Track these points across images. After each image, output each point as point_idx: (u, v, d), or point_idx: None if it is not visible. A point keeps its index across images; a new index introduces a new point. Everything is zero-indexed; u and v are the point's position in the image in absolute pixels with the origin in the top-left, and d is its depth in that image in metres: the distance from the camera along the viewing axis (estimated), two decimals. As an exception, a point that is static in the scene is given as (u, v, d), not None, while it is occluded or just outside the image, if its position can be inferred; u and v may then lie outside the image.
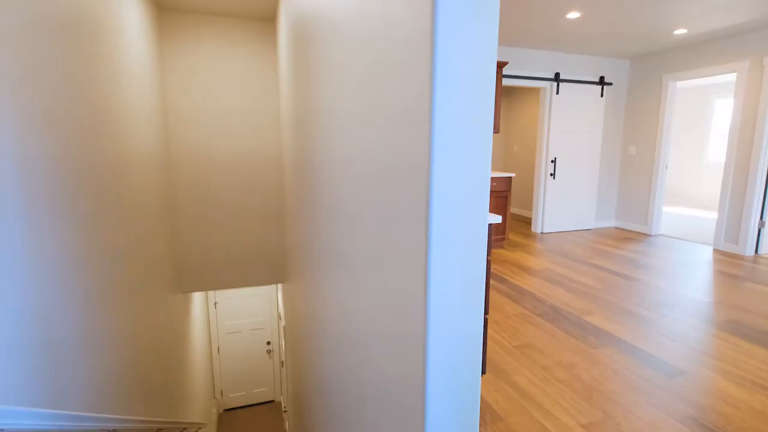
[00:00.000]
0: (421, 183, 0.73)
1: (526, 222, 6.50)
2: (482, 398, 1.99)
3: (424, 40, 0.68)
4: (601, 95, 5.62)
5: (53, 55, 1.42)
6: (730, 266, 4.07)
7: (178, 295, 3.97)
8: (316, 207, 1.82)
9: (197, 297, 4.93)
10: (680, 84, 7.87)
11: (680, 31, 4.38)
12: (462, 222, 0.73)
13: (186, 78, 3.79)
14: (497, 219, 1.84)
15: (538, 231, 5.65)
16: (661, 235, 5.49)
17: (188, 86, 3.81)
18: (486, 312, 1.96)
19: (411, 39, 0.73)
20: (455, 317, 0.75)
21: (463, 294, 0.75)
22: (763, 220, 4.44)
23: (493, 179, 4.56)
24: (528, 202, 7.10)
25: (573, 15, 3.86)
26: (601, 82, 5.57)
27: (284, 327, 4.47)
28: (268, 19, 3.98)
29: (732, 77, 6.77)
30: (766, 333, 2.62)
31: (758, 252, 4.51)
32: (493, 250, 4.70)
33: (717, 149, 7.79)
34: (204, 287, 4.21)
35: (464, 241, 0.74)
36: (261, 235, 4.28)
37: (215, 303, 5.46)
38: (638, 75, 5.64)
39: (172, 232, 3.72)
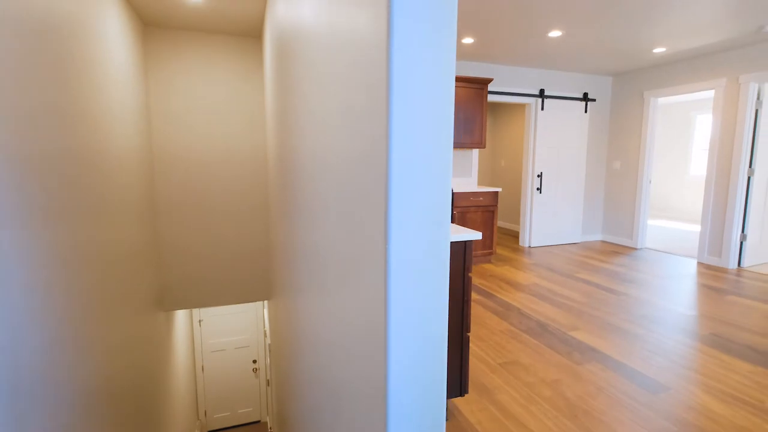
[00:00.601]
0: (380, 193, 0.72)
1: (515, 236, 6.53)
2: (465, 418, 1.96)
3: (381, 52, 0.69)
4: (585, 111, 5.72)
5: (18, 52, 1.40)
6: (713, 279, 4.10)
7: (161, 313, 3.88)
8: (295, 219, 1.80)
9: (181, 314, 4.84)
10: (661, 100, 8.06)
11: (659, 50, 4.49)
12: (421, 230, 0.72)
13: (172, 93, 3.78)
14: (477, 236, 1.84)
15: (526, 245, 5.67)
16: (647, 248, 5.54)
17: (173, 102, 3.80)
18: (467, 330, 1.94)
19: (371, 50, 0.73)
20: (415, 325, 0.74)
21: (424, 306, 0.74)
22: (745, 233, 4.51)
23: (479, 194, 4.58)
24: (517, 216, 7.14)
25: (555, 33, 3.95)
26: (585, 98, 5.68)
27: (270, 344, 4.39)
28: (254, 36, 4.01)
29: (711, 94, 6.96)
30: (748, 346, 2.63)
31: (741, 265, 4.56)
32: (481, 265, 4.69)
33: (699, 163, 7.94)
34: (187, 305, 4.13)
35: (423, 252, 0.73)
36: (247, 251, 4.23)
37: (200, 320, 5.36)
38: (620, 91, 5.76)
39: (155, 248, 3.66)
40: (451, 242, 1.83)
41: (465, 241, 1.86)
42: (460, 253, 1.86)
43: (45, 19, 1.63)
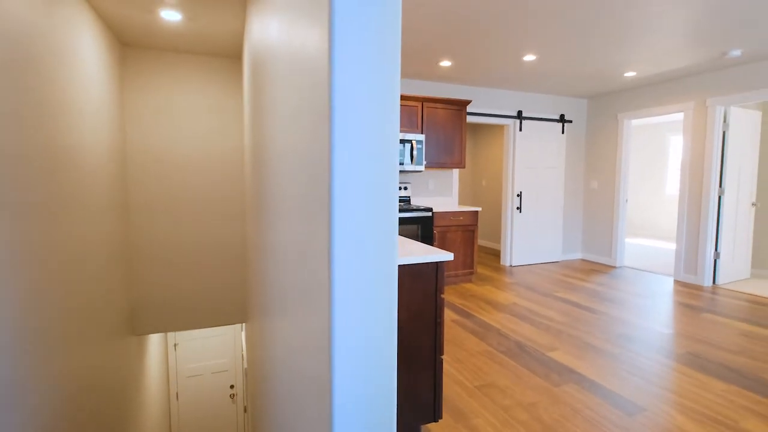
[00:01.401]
0: (324, 220, 0.71)
1: (498, 255, 6.55)
2: (439, 445, 1.90)
3: (324, 72, 0.69)
4: (562, 132, 5.86)
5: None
6: (689, 297, 4.16)
7: (132, 337, 3.75)
8: (264, 237, 1.77)
9: (155, 338, 4.68)
10: (635, 122, 8.31)
11: (630, 74, 4.65)
12: (365, 251, 0.70)
13: (150, 109, 3.75)
14: (448, 256, 1.83)
15: (507, 264, 5.69)
16: (625, 266, 5.61)
17: (151, 120, 3.76)
18: (440, 352, 1.90)
19: (318, 68, 0.74)
20: (359, 366, 0.71)
21: (369, 332, 0.72)
22: (718, 251, 4.61)
23: (459, 213, 4.60)
24: (499, 235, 7.19)
25: (529, 57, 4.06)
26: (562, 119, 5.82)
27: (246, 369, 4.26)
28: (235, 57, 4.03)
29: (682, 116, 7.20)
30: (722, 365, 2.65)
31: (716, 282, 4.64)
32: (462, 285, 4.68)
33: (674, 182, 8.16)
34: (161, 329, 4.00)
35: (368, 273, 0.71)
36: (224, 271, 4.14)
37: (175, 344, 5.19)
38: (596, 113, 5.92)
39: (126, 269, 3.55)
40: (423, 263, 1.82)
41: (437, 262, 1.85)
42: (432, 274, 1.84)
43: (17, 33, 1.60)
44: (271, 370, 1.65)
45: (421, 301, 1.81)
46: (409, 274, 1.77)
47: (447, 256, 1.83)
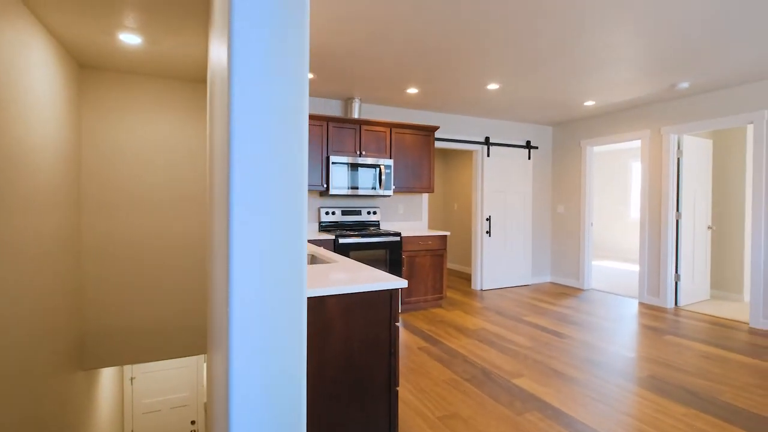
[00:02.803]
0: (225, 220, 0.66)
1: (470, 279, 6.55)
2: (395, 483, 1.81)
3: (226, 85, 0.67)
4: (529, 158, 6.01)
5: None
6: (652, 319, 4.22)
7: (79, 372, 3.51)
8: (210, 259, 1.70)
9: (108, 373, 4.40)
10: (597, 148, 8.64)
11: (589, 103, 4.85)
12: (268, 279, 0.66)
13: (110, 132, 3.65)
14: (402, 284, 1.79)
15: (478, 288, 5.68)
16: (593, 289, 5.70)
17: (109, 141, 3.65)
18: (396, 384, 1.84)
19: (226, 77, 0.73)
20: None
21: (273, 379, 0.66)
22: (678, 273, 4.73)
23: (428, 238, 4.60)
24: (470, 259, 7.21)
25: (493, 86, 4.18)
26: (528, 145, 5.98)
27: (205, 403, 4.03)
28: (199, 81, 3.99)
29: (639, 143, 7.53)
30: (682, 388, 2.66)
31: (677, 304, 4.74)
32: (431, 310, 4.62)
33: (637, 206, 8.45)
34: (114, 362, 3.77)
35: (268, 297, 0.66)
36: (186, 299, 3.97)
37: (132, 378, 4.89)
38: (560, 140, 6.12)
39: (75, 295, 3.35)
40: (376, 291, 1.77)
41: (391, 290, 1.80)
42: (386, 302, 1.79)
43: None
44: (213, 402, 1.55)
45: (374, 330, 1.75)
46: (360, 303, 1.72)
47: (400, 283, 1.79)
